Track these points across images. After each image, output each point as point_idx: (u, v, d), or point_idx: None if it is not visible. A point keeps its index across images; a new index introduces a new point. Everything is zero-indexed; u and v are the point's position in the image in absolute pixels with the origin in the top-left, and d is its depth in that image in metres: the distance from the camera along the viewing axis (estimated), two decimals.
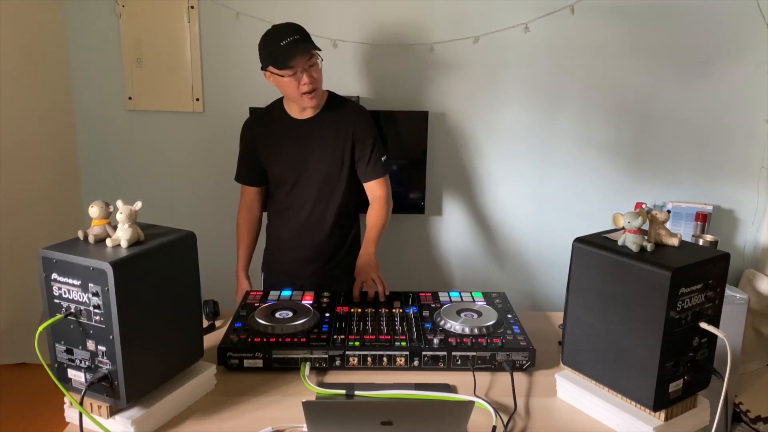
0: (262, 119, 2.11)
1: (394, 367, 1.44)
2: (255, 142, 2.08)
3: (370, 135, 2.02)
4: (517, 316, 1.61)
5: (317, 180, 2.02)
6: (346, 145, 2.00)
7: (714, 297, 1.20)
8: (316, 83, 1.90)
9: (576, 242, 1.30)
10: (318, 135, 2.00)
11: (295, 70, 1.85)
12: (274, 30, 1.91)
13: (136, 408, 1.20)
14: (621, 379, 1.24)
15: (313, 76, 1.88)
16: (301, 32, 1.89)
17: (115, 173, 2.83)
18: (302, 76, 1.87)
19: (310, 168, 2.02)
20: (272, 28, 1.92)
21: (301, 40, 1.86)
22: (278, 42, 1.85)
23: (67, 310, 1.15)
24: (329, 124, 2.00)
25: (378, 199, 2.04)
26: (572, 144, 2.76)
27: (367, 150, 2.01)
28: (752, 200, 2.77)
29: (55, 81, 2.72)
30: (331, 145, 2.00)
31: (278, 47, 1.85)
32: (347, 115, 2.01)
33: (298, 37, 1.86)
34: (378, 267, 1.85)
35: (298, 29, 1.90)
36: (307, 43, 1.87)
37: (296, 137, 2.01)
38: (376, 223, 2.00)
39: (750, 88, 2.66)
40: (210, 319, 1.73)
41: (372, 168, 2.02)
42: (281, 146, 2.03)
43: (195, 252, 1.30)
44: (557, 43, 2.63)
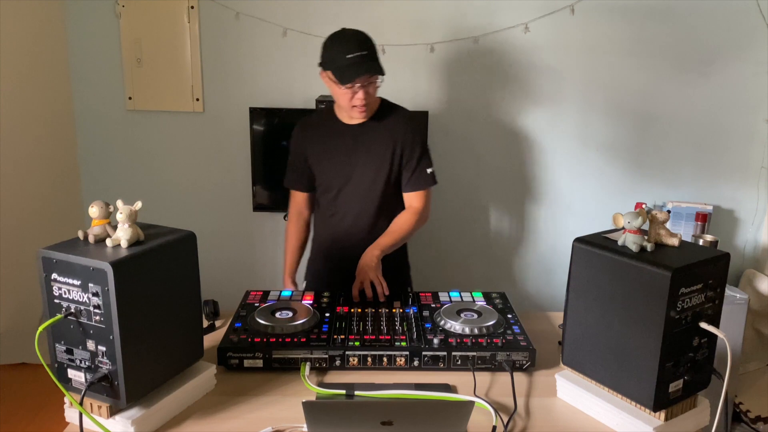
0: (312, 123, 2.04)
1: (394, 367, 1.44)
2: (304, 145, 2.01)
3: (418, 144, 1.94)
4: (517, 316, 1.61)
5: (363, 187, 1.95)
6: (395, 153, 1.92)
7: (714, 297, 1.20)
8: (370, 99, 1.84)
9: (576, 242, 1.30)
10: (366, 142, 1.93)
11: (352, 85, 1.79)
12: (343, 37, 1.81)
13: (136, 408, 1.20)
14: (621, 379, 1.24)
15: (369, 93, 1.82)
16: (370, 48, 1.80)
17: (115, 173, 2.83)
18: (359, 91, 1.80)
19: (356, 175, 1.95)
20: (342, 34, 1.82)
21: (368, 59, 1.78)
22: (344, 53, 1.76)
23: (67, 310, 1.15)
24: (378, 131, 1.93)
25: (412, 210, 1.96)
26: (572, 144, 2.76)
27: (414, 159, 1.93)
28: (752, 200, 2.77)
29: (55, 81, 2.72)
30: (379, 153, 1.92)
31: (343, 59, 1.76)
32: (397, 123, 1.93)
33: (366, 54, 1.77)
34: (379, 268, 1.82)
35: (368, 44, 1.80)
36: (373, 64, 1.78)
37: (344, 143, 1.94)
38: (396, 231, 1.93)
39: (750, 88, 2.66)
40: (210, 319, 1.73)
41: (415, 179, 1.94)
42: (329, 151, 1.96)
43: (195, 252, 1.30)
44: (557, 43, 2.63)
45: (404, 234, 1.94)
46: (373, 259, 1.84)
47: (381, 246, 1.89)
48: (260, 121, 2.66)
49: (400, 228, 1.94)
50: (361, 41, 1.80)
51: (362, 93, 1.80)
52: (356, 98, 1.81)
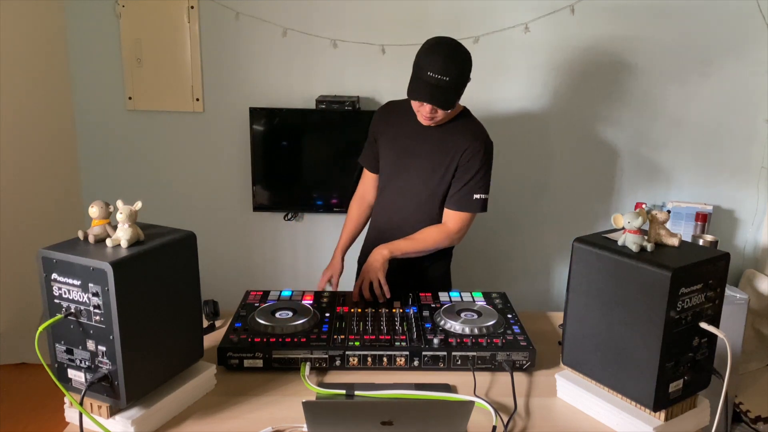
0: (394, 108, 1.99)
1: (394, 367, 1.44)
2: (380, 126, 1.98)
3: (477, 167, 1.85)
4: (517, 316, 1.61)
5: (410, 186, 1.92)
6: (451, 165, 1.85)
7: (714, 297, 1.20)
8: (437, 119, 1.79)
9: (576, 242, 1.30)
10: (430, 144, 1.88)
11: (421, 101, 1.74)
12: (439, 50, 1.71)
13: (136, 408, 1.20)
14: (621, 379, 1.24)
15: (436, 111, 1.75)
16: (455, 77, 1.69)
17: (115, 173, 2.83)
18: (427, 106, 1.74)
19: (409, 172, 1.91)
20: (440, 47, 1.72)
21: (444, 89, 1.68)
22: (428, 69, 1.67)
23: (67, 310, 1.15)
24: (446, 138, 1.87)
25: (443, 227, 1.89)
26: (572, 144, 2.76)
27: (465, 179, 1.85)
28: (752, 200, 2.77)
29: (55, 81, 2.72)
30: (436, 159, 1.87)
31: (424, 74, 1.68)
32: (466, 139, 1.85)
33: (447, 80, 1.67)
34: (384, 269, 1.78)
35: (455, 71, 1.69)
36: (445, 97, 1.70)
37: (411, 138, 1.90)
38: (417, 240, 1.87)
39: (750, 88, 2.66)
40: (210, 319, 1.73)
41: (459, 197, 1.87)
42: (396, 140, 1.94)
43: (195, 252, 1.30)
44: (557, 43, 2.63)
45: (425, 244, 1.88)
46: (379, 259, 1.81)
47: (393, 248, 1.84)
48: (260, 121, 2.66)
49: (421, 238, 1.88)
50: (450, 66, 1.68)
51: (429, 109, 1.75)
52: (423, 109, 1.77)
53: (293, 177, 2.77)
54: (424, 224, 1.92)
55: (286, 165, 2.74)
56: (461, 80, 1.73)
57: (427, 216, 1.93)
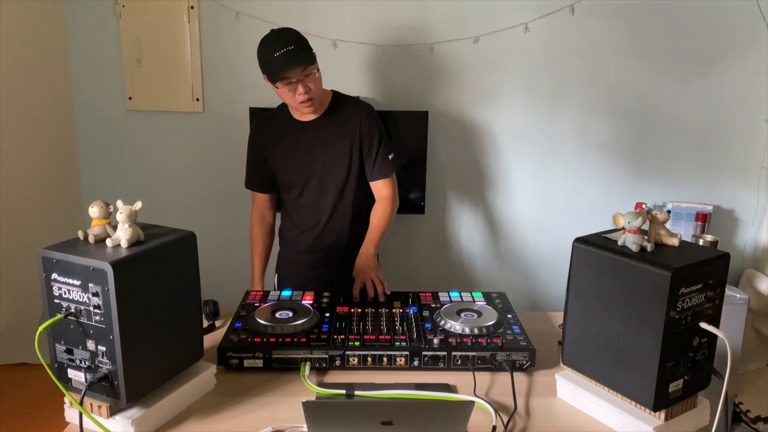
0: (268, 123, 2.06)
1: (394, 367, 1.44)
2: (262, 146, 2.05)
3: (377, 132, 1.97)
4: (517, 316, 1.61)
5: (326, 182, 1.99)
6: (354, 144, 1.95)
7: (714, 297, 1.20)
8: (312, 93, 1.85)
9: (576, 242, 1.30)
10: (323, 137, 1.96)
11: (289, 80, 1.81)
12: (269, 37, 1.84)
13: (136, 408, 1.20)
14: (621, 379, 1.24)
15: (308, 86, 1.83)
16: (296, 41, 1.82)
17: (115, 173, 2.82)
18: (297, 86, 1.82)
19: (317, 171, 1.98)
20: (269, 35, 1.85)
21: (295, 52, 1.79)
22: (272, 52, 1.79)
23: (67, 310, 1.15)
24: (334, 124, 1.96)
25: (383, 199, 2.00)
26: (572, 144, 2.76)
27: (374, 148, 1.96)
28: (752, 200, 2.77)
29: (55, 81, 2.72)
30: (337, 146, 1.96)
31: (272, 58, 1.79)
32: (352, 114, 1.96)
33: (292, 48, 1.78)
34: (377, 267, 1.83)
35: (293, 38, 1.82)
36: (300, 57, 1.80)
37: (301, 140, 1.97)
38: (379, 224, 1.96)
39: (750, 88, 2.66)
40: (210, 319, 1.73)
41: (378, 167, 1.98)
42: (287, 150, 1.99)
43: (195, 252, 1.30)
44: (557, 43, 2.63)
45: (384, 223, 1.97)
46: (370, 258, 1.85)
47: (373, 242, 1.92)
48: None
49: (381, 220, 1.97)
50: (287, 37, 1.82)
51: (301, 87, 1.82)
52: (297, 94, 1.83)
53: None
54: (353, 206, 2.02)
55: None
56: (302, 42, 1.84)
57: (353, 197, 2.01)
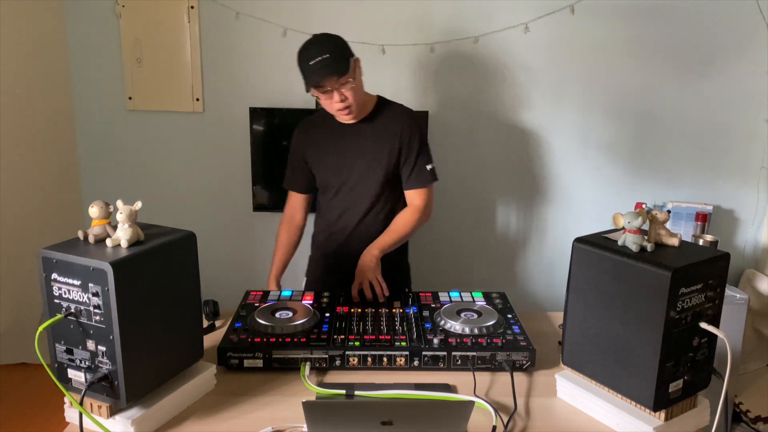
0: (311, 123, 2.03)
1: (394, 367, 1.44)
2: (304, 145, 2.01)
3: (417, 141, 1.91)
4: (517, 316, 1.61)
5: (361, 186, 1.95)
6: (393, 151, 1.90)
7: (714, 297, 1.20)
8: (349, 101, 1.81)
9: (576, 242, 1.30)
10: (362, 141, 1.92)
11: (324, 89, 1.77)
12: (308, 44, 1.79)
13: (136, 408, 1.20)
14: (621, 379, 1.24)
15: (344, 95, 1.79)
16: (333, 50, 1.76)
17: (115, 173, 2.83)
18: (333, 94, 1.78)
19: (354, 174, 1.94)
20: (308, 41, 1.80)
21: (329, 62, 1.73)
22: (308, 60, 1.75)
23: (67, 310, 1.15)
24: (375, 129, 1.91)
25: (413, 208, 1.94)
26: (572, 144, 2.76)
27: (412, 156, 1.91)
28: (752, 200, 2.77)
29: (55, 81, 2.72)
30: (376, 152, 1.91)
31: (307, 66, 1.75)
32: (394, 120, 1.91)
33: (327, 57, 1.73)
34: (378, 269, 1.81)
35: (331, 47, 1.77)
36: (333, 67, 1.74)
37: (342, 142, 1.94)
38: (396, 229, 1.92)
39: (750, 88, 2.66)
40: (210, 319, 1.73)
41: (415, 176, 1.92)
42: (327, 151, 1.96)
43: (195, 252, 1.30)
44: (557, 43, 2.63)
45: (405, 233, 1.93)
46: (372, 260, 1.83)
47: (380, 245, 1.88)
48: (260, 121, 2.66)
49: (400, 227, 1.93)
50: (323, 45, 1.77)
51: (337, 95, 1.78)
52: (333, 102, 1.80)
53: None
54: (385, 213, 1.98)
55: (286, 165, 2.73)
56: (340, 51, 1.78)
57: (387, 204, 1.98)
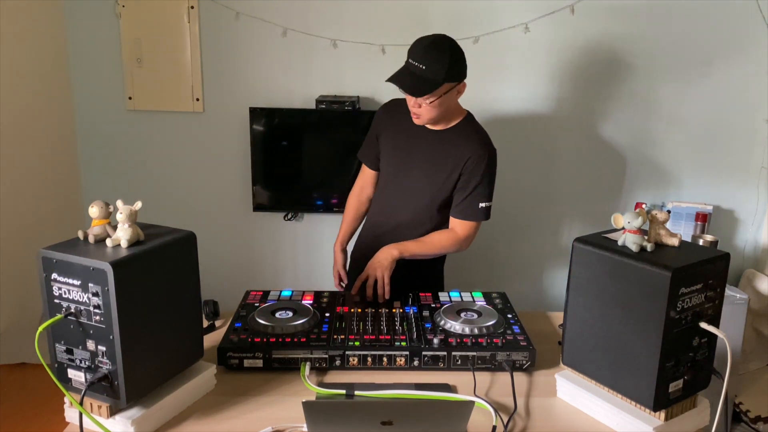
0: (396, 106, 1.95)
1: (394, 367, 1.44)
2: (383, 123, 1.98)
3: (479, 175, 1.83)
4: (517, 316, 1.61)
5: (412, 189, 1.91)
6: (454, 172, 1.84)
7: (714, 297, 1.20)
8: (422, 112, 1.76)
9: (576, 242, 1.30)
10: (433, 149, 1.87)
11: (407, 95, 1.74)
12: (426, 41, 1.71)
13: (136, 408, 1.20)
14: (621, 379, 1.24)
15: (420, 105, 1.74)
16: (431, 65, 1.66)
17: (115, 173, 2.83)
18: (411, 99, 1.74)
19: (411, 175, 1.90)
20: (430, 37, 1.72)
21: (417, 77, 1.67)
22: (410, 56, 1.69)
23: (67, 310, 1.15)
24: (449, 144, 1.85)
25: (452, 233, 1.89)
26: (572, 144, 2.76)
27: (469, 188, 1.84)
28: (752, 200, 2.77)
29: (55, 81, 2.72)
30: (438, 164, 1.86)
31: (406, 61, 1.70)
32: (468, 144, 1.83)
33: (423, 68, 1.66)
34: (390, 269, 1.77)
35: (432, 60, 1.66)
36: (413, 85, 1.68)
37: (414, 140, 1.89)
38: (427, 243, 1.87)
39: (750, 88, 2.66)
40: (210, 319, 1.73)
41: (464, 206, 1.86)
42: (398, 140, 1.92)
43: (195, 252, 1.30)
44: (557, 43, 2.63)
45: (433, 249, 1.89)
46: (388, 257, 1.80)
47: (403, 248, 1.84)
48: (260, 121, 2.66)
49: (432, 242, 1.88)
50: (428, 55, 1.67)
51: (412, 102, 1.75)
52: (408, 103, 1.77)
53: (293, 177, 2.77)
54: (422, 226, 1.92)
55: (286, 165, 2.74)
56: (440, 73, 1.66)
57: (426, 218, 1.92)
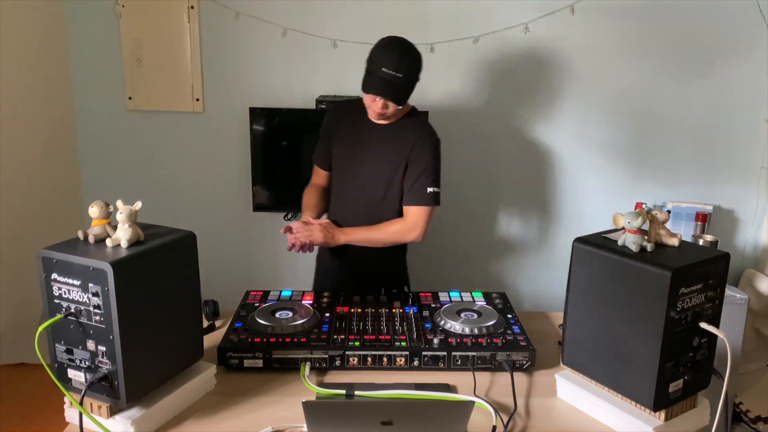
0: (345, 107, 2.07)
1: (394, 367, 1.44)
2: (331, 125, 2.05)
3: (425, 159, 1.89)
4: (517, 316, 1.61)
5: (368, 182, 1.96)
6: (401, 163, 1.90)
7: (714, 297, 1.20)
8: (388, 113, 1.84)
9: (576, 242, 1.30)
10: (381, 143, 1.93)
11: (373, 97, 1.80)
12: (393, 48, 1.79)
13: (136, 408, 1.20)
14: (621, 379, 1.24)
15: (387, 106, 1.81)
16: (406, 74, 1.77)
17: (115, 173, 2.83)
18: (379, 102, 1.80)
19: (363, 170, 1.96)
20: (394, 45, 1.80)
21: (398, 86, 1.76)
22: (383, 65, 1.75)
23: (67, 310, 1.15)
24: (396, 136, 1.92)
25: (401, 222, 1.93)
26: (572, 144, 2.76)
27: (416, 174, 1.89)
28: (752, 200, 2.77)
29: (55, 81, 2.72)
30: (388, 157, 1.92)
31: (377, 70, 1.75)
32: (412, 133, 1.91)
33: (400, 77, 1.74)
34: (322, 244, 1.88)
35: (408, 68, 1.77)
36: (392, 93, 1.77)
37: (364, 136, 1.96)
38: (375, 230, 1.91)
39: (750, 88, 2.66)
40: (210, 319, 1.73)
41: (412, 193, 1.90)
42: (348, 140, 1.99)
43: (195, 252, 1.30)
44: (557, 43, 2.63)
45: (383, 235, 1.92)
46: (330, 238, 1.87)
47: (349, 235, 1.91)
48: (260, 121, 2.66)
49: (380, 229, 1.92)
50: (403, 64, 1.76)
51: (381, 103, 1.80)
52: (375, 104, 1.82)
53: (293, 177, 2.76)
54: (383, 219, 1.96)
55: (286, 165, 2.74)
56: (413, 79, 1.82)
57: (386, 210, 1.96)
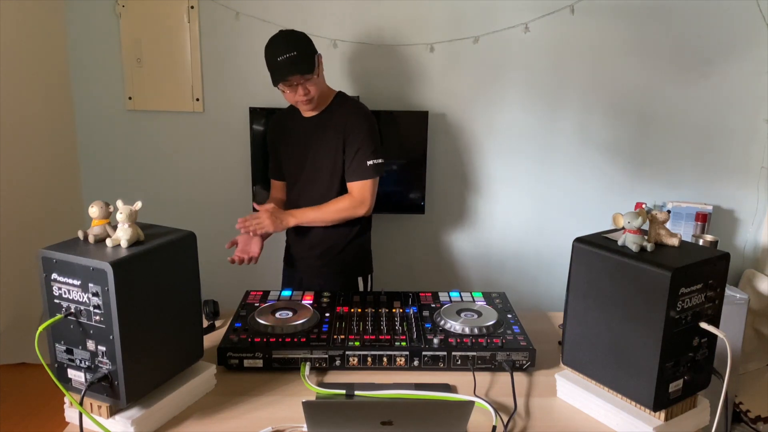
0: (281, 116, 2.17)
1: (394, 367, 1.44)
2: (274, 137, 2.16)
3: (360, 135, 1.96)
4: (517, 316, 1.61)
5: (313, 177, 2.04)
6: (339, 143, 1.97)
7: (714, 297, 1.20)
8: (311, 95, 1.92)
9: (576, 242, 1.30)
10: (319, 133, 2.01)
11: (290, 83, 1.88)
12: (276, 39, 1.90)
13: (136, 408, 1.20)
14: (621, 379, 1.24)
15: (308, 89, 1.90)
16: (300, 47, 1.87)
17: (115, 173, 2.83)
18: (298, 88, 1.89)
19: (309, 165, 2.04)
20: (276, 37, 1.91)
21: (296, 60, 1.84)
22: (276, 56, 1.85)
23: (67, 310, 1.15)
24: (330, 123, 2.00)
25: (347, 197, 1.98)
26: (572, 144, 2.76)
27: (353, 150, 1.96)
28: (752, 200, 2.77)
29: (55, 81, 2.72)
30: (328, 144, 1.99)
31: (275, 62, 1.85)
32: (343, 114, 1.99)
33: (295, 54, 1.84)
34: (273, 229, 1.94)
35: (298, 44, 1.88)
36: (300, 66, 1.85)
37: (302, 135, 2.05)
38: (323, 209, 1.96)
39: (750, 88, 2.66)
40: (210, 319, 1.73)
41: (353, 169, 1.97)
42: (290, 142, 2.09)
43: (195, 252, 1.30)
44: (557, 43, 2.63)
45: (331, 213, 1.97)
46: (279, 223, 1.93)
47: (299, 216, 1.97)
48: (260, 121, 2.66)
49: (328, 207, 1.98)
50: (292, 42, 1.87)
51: (301, 89, 1.89)
52: (297, 95, 1.91)
53: None
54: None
55: None
56: (307, 50, 1.90)
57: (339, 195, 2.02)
